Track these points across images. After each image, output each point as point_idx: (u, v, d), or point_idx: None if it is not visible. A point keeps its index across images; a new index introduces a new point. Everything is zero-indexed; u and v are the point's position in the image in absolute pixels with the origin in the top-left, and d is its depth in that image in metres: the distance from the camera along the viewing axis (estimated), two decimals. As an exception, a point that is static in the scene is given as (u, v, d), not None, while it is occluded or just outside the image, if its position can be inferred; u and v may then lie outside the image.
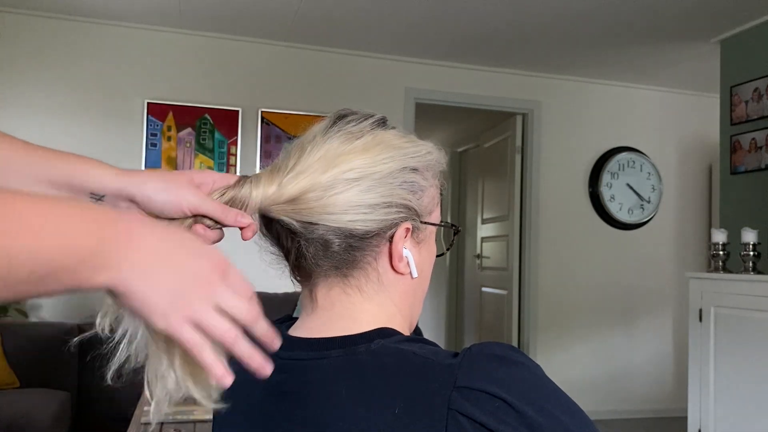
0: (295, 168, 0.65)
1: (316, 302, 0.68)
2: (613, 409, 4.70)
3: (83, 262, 0.45)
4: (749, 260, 3.13)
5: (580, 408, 0.58)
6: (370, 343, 0.62)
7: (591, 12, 3.56)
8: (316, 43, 4.20)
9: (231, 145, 4.08)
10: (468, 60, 4.47)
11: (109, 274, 0.46)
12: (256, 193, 0.65)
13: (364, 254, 0.66)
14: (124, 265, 0.47)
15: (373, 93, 4.36)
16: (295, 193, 0.64)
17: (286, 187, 0.64)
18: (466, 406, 0.54)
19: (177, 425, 1.91)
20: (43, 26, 3.80)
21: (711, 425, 3.09)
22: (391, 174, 0.65)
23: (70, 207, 0.46)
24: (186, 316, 0.49)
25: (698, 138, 5.04)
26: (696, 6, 3.43)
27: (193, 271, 0.50)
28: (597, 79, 4.80)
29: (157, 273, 0.48)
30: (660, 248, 4.92)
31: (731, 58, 3.78)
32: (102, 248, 0.46)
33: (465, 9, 3.58)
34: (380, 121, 0.69)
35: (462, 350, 0.59)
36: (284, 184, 0.64)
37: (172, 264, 0.49)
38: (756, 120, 3.54)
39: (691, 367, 3.22)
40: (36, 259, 0.42)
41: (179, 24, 3.94)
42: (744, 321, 2.95)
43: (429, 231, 0.71)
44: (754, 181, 3.54)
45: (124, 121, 3.91)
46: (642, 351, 4.84)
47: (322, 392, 0.61)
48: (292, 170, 0.65)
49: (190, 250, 0.51)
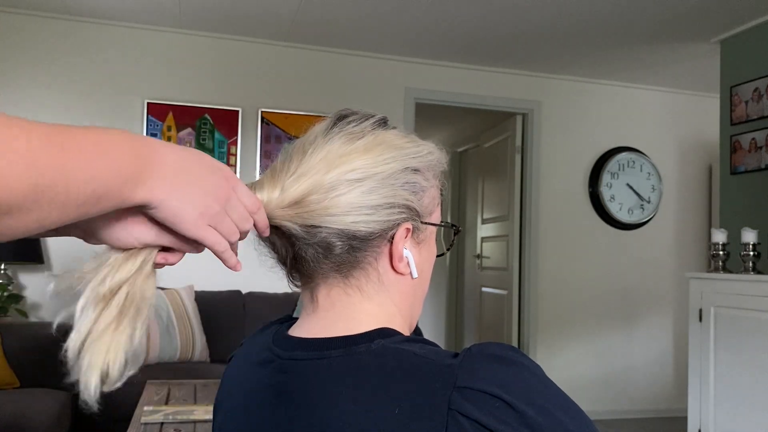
0: (297, 171, 0.64)
1: (317, 303, 0.68)
2: (613, 409, 4.71)
3: (126, 182, 0.49)
4: (749, 260, 3.13)
5: (580, 408, 0.58)
6: (370, 343, 0.62)
7: (591, 12, 3.56)
8: (316, 43, 4.20)
9: (231, 145, 4.08)
10: (468, 60, 4.47)
11: (146, 189, 0.51)
12: (260, 197, 0.64)
13: (365, 255, 0.66)
14: (156, 181, 0.52)
15: (373, 93, 4.36)
16: (297, 196, 0.63)
17: (288, 190, 0.64)
18: (466, 407, 0.54)
19: (177, 425, 1.91)
20: (43, 26, 3.81)
21: (711, 425, 3.09)
22: (393, 175, 0.65)
23: (110, 133, 0.49)
24: (210, 222, 0.57)
25: (698, 138, 5.04)
26: (696, 6, 3.43)
27: (212, 183, 0.57)
28: (597, 79, 4.80)
29: (183, 187, 0.54)
30: (660, 248, 4.92)
31: (731, 58, 3.78)
32: (139, 168, 0.50)
33: (465, 9, 3.58)
34: (381, 121, 0.69)
35: (462, 350, 0.59)
36: (286, 188, 0.64)
37: (195, 178, 0.55)
38: (756, 120, 3.54)
39: (691, 367, 3.22)
40: (92, 182, 0.46)
41: (179, 24, 3.94)
42: (744, 321, 2.95)
43: (429, 231, 0.71)
44: (754, 181, 3.54)
45: (124, 121, 3.91)
46: (642, 351, 4.84)
47: (322, 392, 0.61)
48: (294, 173, 0.64)
49: (206, 165, 0.57)
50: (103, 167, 0.47)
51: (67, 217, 0.47)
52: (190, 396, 2.34)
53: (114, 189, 0.48)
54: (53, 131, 0.45)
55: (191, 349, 3.58)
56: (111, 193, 0.48)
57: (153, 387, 2.48)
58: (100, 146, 0.48)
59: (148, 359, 3.48)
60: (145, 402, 2.20)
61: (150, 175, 0.51)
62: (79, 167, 0.46)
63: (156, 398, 2.27)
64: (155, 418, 1.96)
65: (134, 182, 0.50)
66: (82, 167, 0.46)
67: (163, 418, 1.96)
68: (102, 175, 0.47)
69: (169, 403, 2.20)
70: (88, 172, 0.46)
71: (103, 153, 0.47)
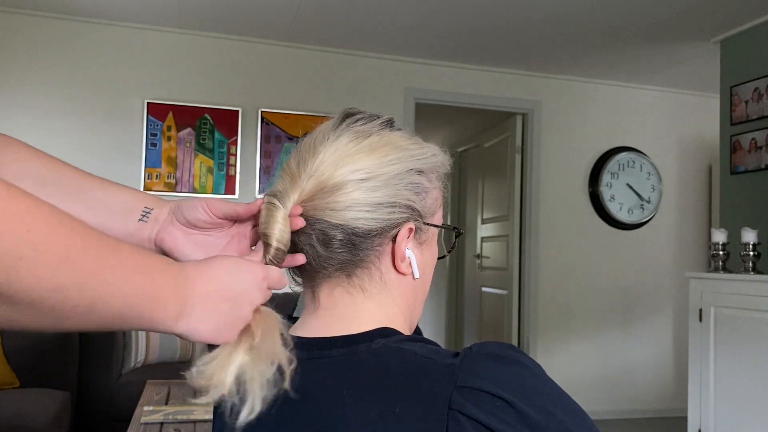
0: (308, 170, 0.66)
1: (319, 302, 0.69)
2: (613, 409, 4.71)
3: (161, 306, 0.52)
4: (749, 260, 3.13)
5: (580, 408, 0.58)
6: (371, 342, 0.62)
7: (591, 12, 3.56)
8: (316, 43, 4.20)
9: (231, 145, 4.08)
10: (468, 60, 4.47)
11: (177, 324, 0.54)
12: (288, 206, 0.65)
13: (367, 254, 0.66)
14: (186, 318, 0.55)
15: (373, 93, 4.36)
16: (305, 195, 0.65)
17: (305, 190, 0.65)
18: (466, 406, 0.55)
19: (177, 425, 1.91)
20: (43, 26, 3.80)
21: (711, 425, 3.09)
22: (398, 175, 0.66)
23: (146, 255, 0.52)
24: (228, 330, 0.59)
25: (698, 138, 5.04)
26: (696, 6, 3.43)
27: (240, 293, 0.59)
28: (597, 79, 4.80)
29: (207, 321, 0.57)
30: (660, 248, 4.92)
31: (731, 58, 3.78)
32: (178, 306, 0.54)
33: (465, 9, 3.58)
34: (388, 122, 0.70)
35: (463, 350, 0.59)
36: (304, 188, 0.65)
37: (221, 312, 0.58)
38: (756, 120, 3.54)
39: (691, 367, 3.22)
40: (125, 297, 0.49)
41: (179, 24, 3.94)
42: (744, 321, 2.95)
43: (431, 232, 0.72)
44: (754, 181, 3.54)
45: (124, 121, 3.91)
46: (642, 351, 4.84)
47: (322, 392, 0.61)
48: (306, 173, 0.66)
49: (234, 279, 0.59)
50: (133, 297, 0.49)
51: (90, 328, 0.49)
52: (190, 396, 2.34)
53: (141, 317, 0.51)
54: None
55: (191, 348, 3.58)
56: (134, 321, 0.51)
57: (153, 387, 2.48)
58: (138, 278, 0.50)
59: (148, 359, 3.48)
60: (145, 402, 2.20)
61: (183, 313, 0.54)
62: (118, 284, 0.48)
63: (156, 398, 2.27)
64: (155, 418, 1.96)
65: (169, 317, 0.53)
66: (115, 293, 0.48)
67: (163, 418, 1.96)
68: (131, 301, 0.49)
69: (169, 403, 2.20)
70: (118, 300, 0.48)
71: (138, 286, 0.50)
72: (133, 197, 0.73)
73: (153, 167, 3.93)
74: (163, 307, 0.52)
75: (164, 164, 3.95)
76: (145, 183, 3.91)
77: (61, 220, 0.43)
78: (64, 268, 0.43)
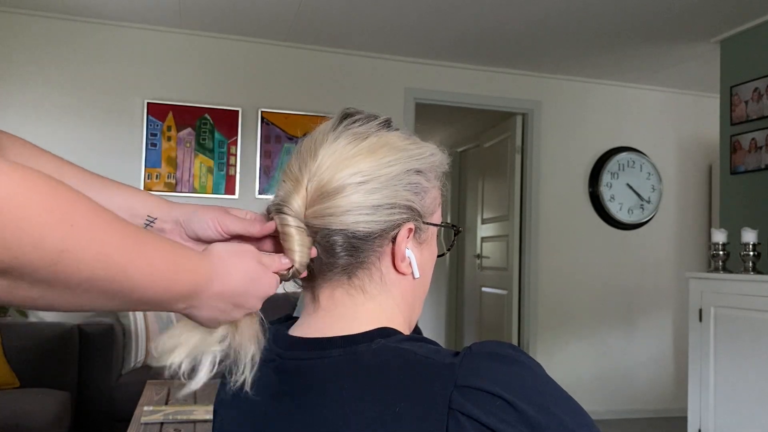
0: (309, 174, 0.66)
1: (319, 303, 0.69)
2: (613, 409, 4.70)
3: (176, 299, 0.57)
4: (749, 260, 3.13)
5: (581, 407, 0.58)
6: (370, 342, 0.62)
7: (591, 12, 3.56)
8: (316, 43, 4.20)
9: (231, 145, 4.08)
10: (468, 60, 4.47)
11: (187, 305, 0.59)
12: (298, 212, 0.65)
13: (368, 255, 0.66)
14: (192, 307, 0.60)
15: (373, 93, 4.36)
16: (309, 201, 0.65)
17: (309, 195, 0.65)
18: (466, 406, 0.55)
19: (177, 425, 1.91)
20: (43, 26, 3.80)
21: (711, 425, 3.09)
22: (396, 176, 0.66)
23: (176, 254, 0.56)
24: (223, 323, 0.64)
25: (698, 138, 5.04)
26: (696, 6, 3.43)
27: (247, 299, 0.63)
28: (597, 79, 4.80)
29: (210, 311, 0.61)
30: (660, 248, 4.92)
31: (731, 58, 3.78)
32: (191, 292, 0.58)
33: (465, 9, 3.58)
34: (386, 123, 0.70)
35: (463, 349, 0.59)
36: (307, 193, 0.65)
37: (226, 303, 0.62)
38: (756, 120, 3.54)
39: (691, 367, 3.22)
40: (147, 291, 0.52)
41: (179, 24, 3.94)
42: (744, 321, 2.95)
43: (431, 232, 0.72)
44: (754, 181, 3.54)
45: (124, 121, 3.91)
46: (642, 351, 4.84)
47: (322, 391, 0.61)
48: (307, 177, 0.66)
49: (248, 286, 0.62)
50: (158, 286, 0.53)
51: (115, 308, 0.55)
52: (190, 396, 2.34)
53: (162, 301, 0.56)
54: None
55: (191, 349, 3.57)
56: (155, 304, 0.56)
57: (153, 387, 2.48)
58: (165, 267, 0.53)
59: (148, 359, 3.48)
60: (145, 402, 2.20)
61: (191, 305, 0.59)
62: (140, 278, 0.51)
63: (156, 398, 2.27)
64: (155, 418, 1.96)
65: (182, 300, 0.58)
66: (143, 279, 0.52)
67: (163, 418, 1.96)
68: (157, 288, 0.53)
69: (169, 403, 2.20)
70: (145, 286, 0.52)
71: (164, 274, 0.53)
72: (137, 201, 0.73)
73: (153, 167, 3.93)
74: (177, 301, 0.57)
75: (164, 164, 3.95)
76: (145, 183, 3.91)
77: (99, 215, 0.48)
78: (100, 260, 0.47)
